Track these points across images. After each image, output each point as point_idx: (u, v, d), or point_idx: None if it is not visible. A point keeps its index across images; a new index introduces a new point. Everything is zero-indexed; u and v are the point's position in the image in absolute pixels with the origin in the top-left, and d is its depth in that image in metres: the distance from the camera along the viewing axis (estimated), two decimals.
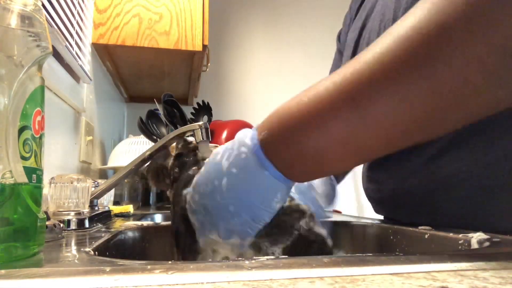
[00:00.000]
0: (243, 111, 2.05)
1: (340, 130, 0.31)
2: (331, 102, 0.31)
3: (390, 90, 0.29)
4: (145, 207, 1.25)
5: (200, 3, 1.29)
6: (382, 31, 0.52)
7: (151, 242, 0.61)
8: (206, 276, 0.22)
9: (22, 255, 0.29)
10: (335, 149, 0.32)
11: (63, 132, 0.95)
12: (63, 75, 0.94)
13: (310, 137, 0.32)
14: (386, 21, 0.51)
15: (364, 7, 0.64)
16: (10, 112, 0.29)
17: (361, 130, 0.31)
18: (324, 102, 0.31)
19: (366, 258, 0.28)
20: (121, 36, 1.22)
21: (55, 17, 0.87)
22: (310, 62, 2.17)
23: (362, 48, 0.58)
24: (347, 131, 0.31)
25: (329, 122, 0.31)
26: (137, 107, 1.84)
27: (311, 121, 0.32)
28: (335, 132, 0.31)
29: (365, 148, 0.32)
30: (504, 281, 0.21)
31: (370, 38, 0.56)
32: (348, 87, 0.30)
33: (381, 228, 0.59)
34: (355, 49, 0.61)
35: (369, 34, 0.56)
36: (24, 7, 0.30)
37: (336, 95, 0.31)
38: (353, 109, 0.30)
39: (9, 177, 0.28)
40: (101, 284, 0.22)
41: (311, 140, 0.32)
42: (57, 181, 0.52)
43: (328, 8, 2.23)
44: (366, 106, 0.30)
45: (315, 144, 0.32)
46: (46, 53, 0.32)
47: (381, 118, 0.30)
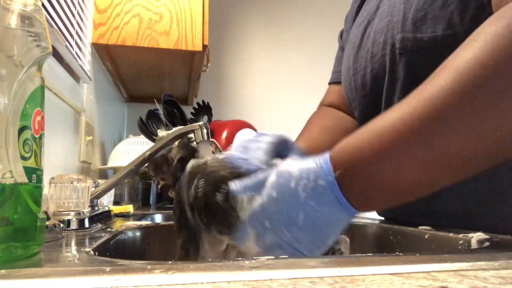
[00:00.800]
0: (243, 111, 2.05)
1: (412, 166, 0.32)
2: (402, 140, 0.32)
3: (463, 128, 0.30)
4: (145, 207, 1.25)
5: (200, 3, 1.29)
6: (390, 32, 0.52)
7: (151, 242, 0.61)
8: (206, 276, 0.22)
9: (22, 255, 0.29)
10: (409, 187, 0.33)
11: (63, 132, 0.95)
12: (63, 75, 0.94)
13: (384, 178, 0.33)
14: (395, 22, 0.51)
15: (365, 6, 0.64)
16: (10, 112, 0.29)
17: (434, 168, 0.32)
18: (395, 141, 0.32)
19: (366, 258, 0.28)
20: (121, 36, 1.22)
21: (55, 17, 0.87)
22: (310, 62, 2.17)
23: (366, 46, 0.57)
24: (420, 171, 0.32)
25: (402, 162, 0.32)
26: (137, 107, 1.84)
27: (384, 163, 0.32)
28: (409, 171, 0.32)
29: (437, 182, 0.33)
30: (504, 281, 0.21)
31: (376, 37, 0.55)
32: (418, 126, 0.31)
33: (381, 228, 0.59)
34: (358, 47, 0.60)
35: (375, 33, 0.56)
36: (24, 7, 0.30)
37: (407, 134, 0.32)
38: (426, 147, 0.31)
39: (9, 177, 0.28)
40: (101, 284, 0.22)
41: (385, 181, 0.33)
42: (57, 181, 0.52)
43: (328, 8, 2.23)
44: (439, 144, 0.30)
45: (390, 184, 0.33)
46: (46, 53, 0.32)
47: (450, 152, 0.31)
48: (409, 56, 0.49)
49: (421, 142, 0.31)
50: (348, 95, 0.65)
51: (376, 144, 0.33)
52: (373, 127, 0.34)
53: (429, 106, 0.31)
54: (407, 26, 0.48)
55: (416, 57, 0.48)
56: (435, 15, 0.46)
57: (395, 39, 0.50)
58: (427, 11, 0.46)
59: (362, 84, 0.59)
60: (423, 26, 0.47)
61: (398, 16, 0.50)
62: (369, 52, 0.56)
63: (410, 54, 0.49)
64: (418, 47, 0.47)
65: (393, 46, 0.51)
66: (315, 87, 2.18)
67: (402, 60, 0.50)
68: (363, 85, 0.59)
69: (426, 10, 0.47)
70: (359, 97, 0.60)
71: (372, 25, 0.57)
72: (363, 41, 0.59)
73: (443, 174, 0.33)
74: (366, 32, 0.59)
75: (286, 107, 2.09)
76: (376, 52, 0.55)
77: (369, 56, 0.56)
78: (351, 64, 0.62)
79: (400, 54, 0.50)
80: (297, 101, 2.11)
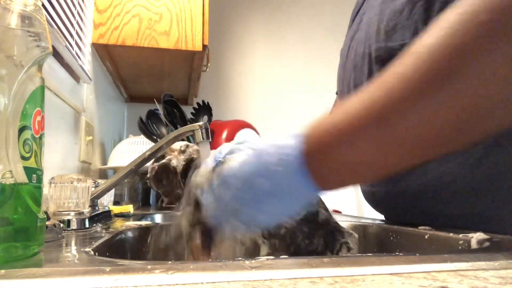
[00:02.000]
0: (243, 111, 2.05)
1: (370, 147, 0.33)
2: (360, 120, 0.33)
3: (416, 108, 0.31)
4: (145, 207, 1.25)
5: (200, 3, 1.29)
6: (367, 42, 0.55)
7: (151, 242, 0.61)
8: (206, 276, 0.22)
9: (22, 255, 0.29)
10: (365, 165, 0.35)
11: (63, 132, 0.95)
12: (63, 75, 0.94)
13: (344, 154, 0.34)
14: (371, 32, 0.54)
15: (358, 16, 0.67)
16: (10, 112, 0.29)
17: (389, 148, 0.33)
18: (355, 121, 0.34)
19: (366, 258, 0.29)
20: (121, 36, 1.22)
21: (55, 17, 0.87)
22: (310, 62, 2.17)
23: (351, 57, 0.61)
24: (376, 148, 0.33)
25: (359, 140, 0.33)
26: (137, 107, 1.84)
27: (344, 139, 0.34)
28: (366, 149, 0.33)
29: (392, 162, 0.35)
30: (504, 281, 0.21)
31: (357, 48, 0.59)
32: (375, 106, 0.33)
33: (381, 228, 0.59)
34: (346, 57, 0.64)
35: (356, 44, 0.60)
36: (24, 7, 0.30)
37: (364, 114, 0.33)
38: (381, 128, 0.32)
39: (9, 177, 0.28)
40: (101, 284, 0.22)
41: (344, 157, 0.34)
42: (57, 181, 0.52)
43: (328, 8, 2.23)
44: (394, 125, 0.32)
45: (348, 160, 0.34)
46: (46, 53, 0.32)
47: (408, 135, 0.32)
48: (383, 64, 0.52)
49: (379, 124, 0.32)
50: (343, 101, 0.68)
51: (338, 125, 0.35)
52: (338, 111, 0.36)
53: (387, 90, 0.32)
54: (381, 36, 0.52)
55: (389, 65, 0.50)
56: (403, 24, 0.49)
57: (371, 49, 0.54)
58: (397, 22, 0.50)
59: (347, 92, 0.63)
60: (394, 35, 0.50)
61: (373, 27, 0.54)
62: (352, 62, 0.60)
63: (384, 63, 0.51)
64: (391, 55, 0.50)
65: (370, 56, 0.55)
66: (315, 87, 2.18)
67: (377, 68, 0.53)
68: (348, 93, 0.62)
69: (395, 20, 0.50)
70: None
71: (356, 37, 0.61)
72: (349, 52, 0.63)
73: (399, 156, 0.34)
74: (351, 44, 0.62)
75: (286, 107, 2.09)
76: (357, 62, 0.59)
77: (352, 66, 0.60)
78: (341, 73, 0.66)
79: (376, 63, 0.53)
80: (297, 101, 2.11)
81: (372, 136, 0.33)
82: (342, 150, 0.34)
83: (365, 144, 0.33)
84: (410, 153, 0.34)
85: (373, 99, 0.33)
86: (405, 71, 0.32)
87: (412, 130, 0.32)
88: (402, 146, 0.33)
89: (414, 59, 0.32)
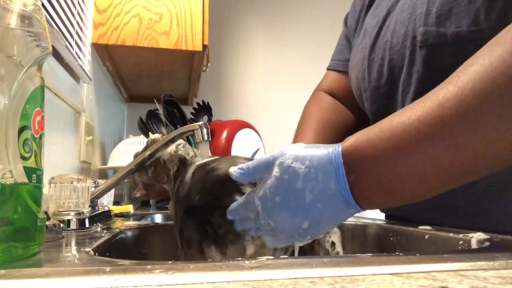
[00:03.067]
0: (243, 111, 2.05)
1: (431, 167, 0.31)
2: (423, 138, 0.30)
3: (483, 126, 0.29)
4: (145, 207, 1.25)
5: (200, 3, 1.29)
6: (412, 24, 0.51)
7: (151, 242, 0.61)
8: (206, 276, 0.22)
9: (22, 255, 0.29)
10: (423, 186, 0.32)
11: (63, 132, 0.95)
12: (63, 75, 0.94)
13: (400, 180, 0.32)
14: (418, 15, 0.50)
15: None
16: (10, 112, 0.29)
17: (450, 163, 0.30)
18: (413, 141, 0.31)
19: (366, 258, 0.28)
20: (121, 36, 1.22)
21: (55, 17, 0.87)
22: (310, 62, 2.17)
23: (386, 36, 0.56)
24: (438, 167, 0.31)
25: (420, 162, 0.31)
26: (137, 107, 1.84)
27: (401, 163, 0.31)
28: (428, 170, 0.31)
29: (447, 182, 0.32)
30: (504, 281, 0.21)
31: (396, 29, 0.54)
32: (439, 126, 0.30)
33: (381, 228, 0.59)
34: (376, 37, 0.59)
35: (395, 24, 0.55)
36: (24, 7, 0.30)
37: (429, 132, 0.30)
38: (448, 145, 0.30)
39: (9, 177, 0.28)
40: (101, 284, 0.22)
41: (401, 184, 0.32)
42: (57, 181, 0.52)
43: (328, 8, 2.23)
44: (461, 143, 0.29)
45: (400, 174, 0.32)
46: (46, 53, 0.32)
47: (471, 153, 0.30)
48: (430, 49, 0.48)
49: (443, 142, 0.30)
50: (359, 85, 0.63)
51: (392, 143, 0.32)
52: (388, 125, 0.33)
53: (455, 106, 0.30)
54: (430, 20, 0.48)
55: (437, 51, 0.48)
56: (460, 10, 0.45)
57: (416, 31, 0.50)
58: (453, 6, 0.46)
59: (378, 75, 0.58)
60: (447, 21, 0.46)
61: (421, 9, 0.49)
62: (388, 43, 0.55)
63: (431, 48, 0.48)
64: (440, 42, 0.47)
65: (414, 39, 0.50)
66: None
67: (422, 53, 0.49)
68: (378, 76, 0.58)
69: (451, 4, 0.46)
70: (372, 87, 0.59)
71: (392, 16, 0.56)
72: (381, 31, 0.58)
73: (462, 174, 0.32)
74: (386, 23, 0.57)
75: (286, 107, 2.09)
76: (396, 43, 0.54)
77: (388, 47, 0.56)
78: (367, 54, 0.60)
79: (421, 47, 0.49)
80: (297, 101, 2.10)
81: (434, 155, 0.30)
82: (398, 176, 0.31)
83: (427, 164, 0.30)
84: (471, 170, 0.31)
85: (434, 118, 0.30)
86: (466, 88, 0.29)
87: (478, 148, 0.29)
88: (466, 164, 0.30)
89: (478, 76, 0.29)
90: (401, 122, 0.32)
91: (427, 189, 0.33)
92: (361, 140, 0.33)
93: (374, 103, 0.60)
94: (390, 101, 0.56)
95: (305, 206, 0.34)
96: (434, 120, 0.30)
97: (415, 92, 0.51)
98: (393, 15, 0.56)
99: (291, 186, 0.34)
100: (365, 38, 0.62)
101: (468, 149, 0.30)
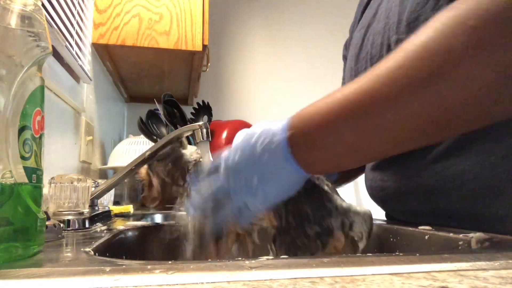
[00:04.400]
0: (243, 111, 2.05)
1: (353, 137, 0.35)
2: (346, 111, 0.35)
3: (400, 104, 0.33)
4: (145, 207, 1.25)
5: (200, 3, 1.29)
6: (386, 34, 0.54)
7: (151, 242, 0.61)
8: (206, 276, 0.22)
9: (22, 255, 0.29)
10: (348, 152, 0.37)
11: (63, 132, 0.95)
12: (63, 75, 0.94)
13: (327, 142, 0.37)
14: (391, 24, 0.53)
15: (368, 10, 0.65)
16: (10, 112, 0.29)
17: (371, 137, 0.35)
18: (340, 112, 0.36)
19: (366, 258, 0.28)
20: (121, 36, 1.22)
21: (55, 17, 0.87)
22: (310, 62, 2.17)
23: (366, 48, 0.59)
24: (359, 138, 0.35)
25: (343, 130, 0.36)
26: (137, 107, 1.84)
27: (328, 129, 0.36)
28: (349, 138, 0.36)
29: (375, 151, 0.37)
30: (504, 281, 0.21)
31: (374, 39, 0.57)
32: (361, 98, 0.35)
33: (381, 228, 0.59)
34: (360, 48, 0.62)
35: (373, 35, 0.58)
36: (24, 7, 0.30)
37: (350, 106, 0.35)
38: (365, 119, 0.34)
39: (9, 177, 0.28)
40: (101, 284, 0.22)
41: (328, 145, 0.37)
42: (57, 181, 0.52)
43: (328, 8, 2.23)
44: (377, 117, 0.34)
45: (332, 148, 0.37)
46: (46, 53, 0.32)
47: (389, 127, 0.34)
48: None
49: (363, 116, 0.34)
50: None
51: (324, 115, 0.37)
52: (326, 98, 0.38)
53: (376, 83, 0.34)
54: (402, 28, 0.51)
55: None
56: (427, 16, 0.48)
57: (390, 40, 0.53)
58: (420, 13, 0.49)
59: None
60: (416, 28, 0.49)
61: (393, 18, 0.53)
62: (369, 54, 0.59)
63: None
64: None
65: (389, 47, 0.53)
66: (315, 87, 2.18)
67: None
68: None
69: (418, 12, 0.49)
70: None
71: (373, 28, 0.59)
72: (363, 43, 0.61)
73: (380, 147, 0.36)
74: (367, 34, 0.61)
75: (286, 107, 2.09)
76: (375, 54, 0.57)
77: (368, 57, 0.59)
78: (353, 65, 0.64)
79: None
80: (297, 101, 2.10)
81: (354, 126, 0.35)
82: (326, 137, 0.36)
83: (347, 133, 0.35)
84: (392, 143, 0.36)
85: (359, 90, 0.35)
86: (391, 67, 0.34)
87: (393, 124, 0.34)
88: (383, 137, 0.35)
89: (401, 56, 0.34)
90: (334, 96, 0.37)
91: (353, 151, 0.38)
92: (304, 109, 0.40)
93: None
94: None
95: (254, 160, 0.38)
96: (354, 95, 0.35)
97: None
98: (373, 27, 0.60)
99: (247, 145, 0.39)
100: (352, 50, 0.66)
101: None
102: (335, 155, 0.37)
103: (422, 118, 0.33)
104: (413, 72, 0.32)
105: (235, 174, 0.39)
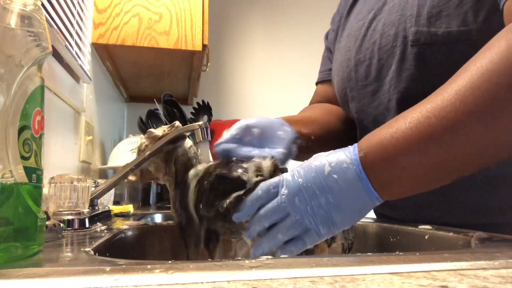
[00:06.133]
0: (243, 111, 2.05)
1: (439, 155, 0.35)
2: (431, 130, 0.35)
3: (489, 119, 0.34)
4: (145, 207, 1.25)
5: (200, 3, 1.29)
6: (402, 25, 0.54)
7: (151, 242, 0.61)
8: (206, 276, 0.22)
9: (22, 255, 0.29)
10: (432, 172, 0.36)
11: (63, 132, 0.95)
12: (63, 75, 0.94)
13: (411, 162, 0.36)
14: (408, 16, 0.53)
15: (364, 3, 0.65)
16: (10, 112, 0.29)
17: (458, 154, 0.35)
18: (425, 130, 0.35)
19: (366, 258, 0.28)
20: (121, 36, 1.22)
21: (55, 17, 0.87)
22: (310, 61, 2.16)
23: (373, 38, 0.59)
24: (446, 156, 0.35)
25: (430, 148, 0.35)
26: (137, 107, 1.84)
27: (412, 147, 0.36)
28: (435, 157, 0.35)
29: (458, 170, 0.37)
30: (504, 281, 0.21)
31: (385, 30, 0.57)
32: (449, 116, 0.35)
33: (381, 228, 0.59)
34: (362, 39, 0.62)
35: (383, 26, 0.58)
36: (24, 7, 0.30)
37: (437, 123, 0.35)
38: (453, 136, 0.34)
39: (9, 177, 0.28)
40: (101, 284, 0.22)
41: (411, 165, 0.36)
42: (57, 181, 0.52)
43: (327, 8, 2.23)
44: (466, 133, 0.34)
45: (416, 166, 0.36)
46: (46, 53, 0.32)
47: (477, 143, 0.35)
48: (421, 48, 0.51)
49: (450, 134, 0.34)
50: (344, 85, 0.66)
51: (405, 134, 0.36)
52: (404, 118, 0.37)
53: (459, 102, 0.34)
54: (421, 21, 0.51)
55: (428, 49, 0.51)
56: (449, 12, 0.49)
57: (407, 31, 0.53)
58: (442, 9, 0.49)
59: (365, 74, 0.61)
60: (437, 22, 0.50)
61: (411, 11, 0.53)
62: (377, 43, 0.58)
63: (423, 46, 0.51)
64: (431, 40, 0.50)
65: (405, 38, 0.53)
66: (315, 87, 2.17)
67: (414, 51, 0.52)
68: (366, 75, 0.61)
69: (441, 7, 0.49)
70: (359, 87, 0.62)
71: (379, 19, 0.59)
72: (367, 33, 0.61)
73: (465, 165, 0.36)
74: (372, 25, 0.61)
75: (286, 107, 2.09)
76: (385, 43, 0.57)
77: (376, 48, 0.58)
78: (352, 56, 0.63)
79: (412, 46, 0.52)
80: (297, 101, 2.10)
81: (443, 145, 0.34)
82: (412, 157, 0.35)
83: (435, 153, 0.35)
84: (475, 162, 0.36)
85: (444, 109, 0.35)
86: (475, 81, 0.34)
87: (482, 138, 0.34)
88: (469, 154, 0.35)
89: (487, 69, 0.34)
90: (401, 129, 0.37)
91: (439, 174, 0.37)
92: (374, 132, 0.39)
93: (360, 101, 0.63)
94: (375, 98, 0.59)
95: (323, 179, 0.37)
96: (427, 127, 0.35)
97: (406, 88, 0.54)
98: (379, 18, 0.59)
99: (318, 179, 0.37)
100: (349, 41, 0.65)
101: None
102: (418, 177, 0.37)
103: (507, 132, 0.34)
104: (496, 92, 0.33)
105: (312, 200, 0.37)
